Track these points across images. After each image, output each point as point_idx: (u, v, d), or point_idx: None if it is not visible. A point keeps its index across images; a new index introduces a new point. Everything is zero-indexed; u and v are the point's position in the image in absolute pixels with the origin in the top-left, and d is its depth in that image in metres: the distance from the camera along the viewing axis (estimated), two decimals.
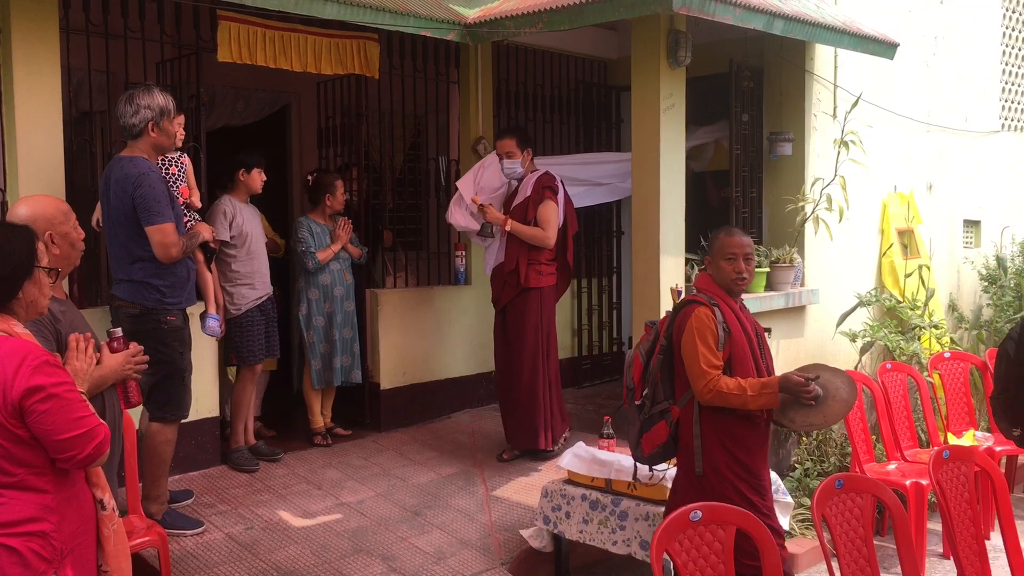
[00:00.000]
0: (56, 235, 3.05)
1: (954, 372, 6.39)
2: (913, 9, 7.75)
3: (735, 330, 3.66)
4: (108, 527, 2.75)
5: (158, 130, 4.39)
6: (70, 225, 3.13)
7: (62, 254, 3.07)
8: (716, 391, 3.52)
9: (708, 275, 3.81)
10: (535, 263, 5.59)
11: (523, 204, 5.60)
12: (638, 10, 5.09)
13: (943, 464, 3.78)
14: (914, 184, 7.87)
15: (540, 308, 5.62)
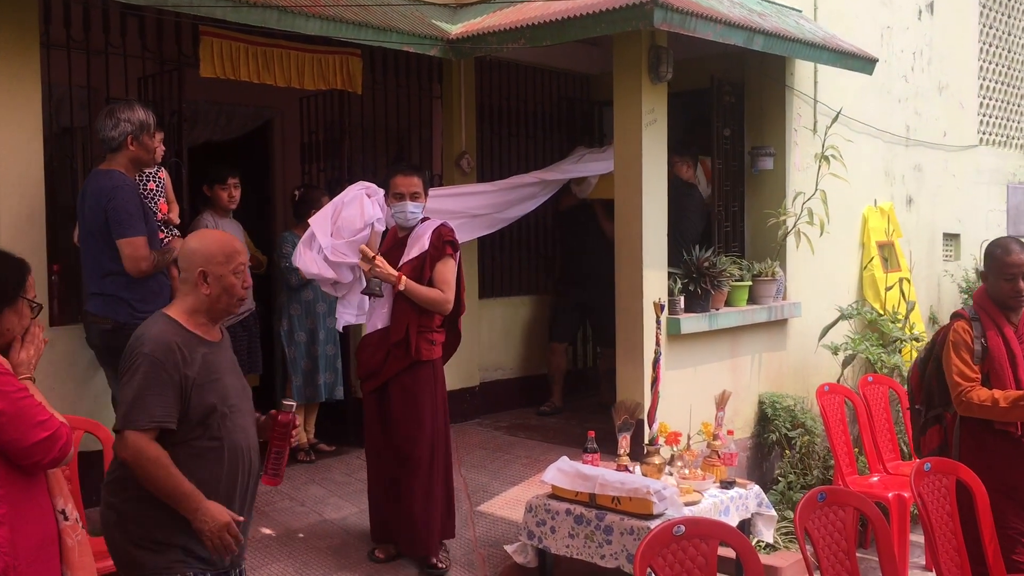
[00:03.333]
0: (210, 274, 2.88)
1: None
2: (892, 25, 7.84)
3: (994, 346, 3.89)
4: (71, 537, 2.69)
5: (137, 144, 4.38)
6: (230, 268, 2.90)
7: (212, 295, 2.89)
8: (967, 402, 3.83)
9: (984, 289, 4.00)
10: (426, 331, 4.50)
11: (419, 259, 4.50)
12: (620, 26, 5.13)
13: (924, 476, 3.80)
14: (894, 198, 7.94)
15: (435, 386, 4.57)
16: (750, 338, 6.43)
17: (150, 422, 2.71)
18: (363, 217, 4.79)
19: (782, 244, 6.58)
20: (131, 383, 2.74)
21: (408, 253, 4.53)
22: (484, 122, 7.14)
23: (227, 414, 2.89)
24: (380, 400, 4.56)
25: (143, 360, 2.75)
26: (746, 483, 4.73)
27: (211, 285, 2.89)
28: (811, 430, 6.33)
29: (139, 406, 2.71)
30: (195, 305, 2.91)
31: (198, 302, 2.91)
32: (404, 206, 4.51)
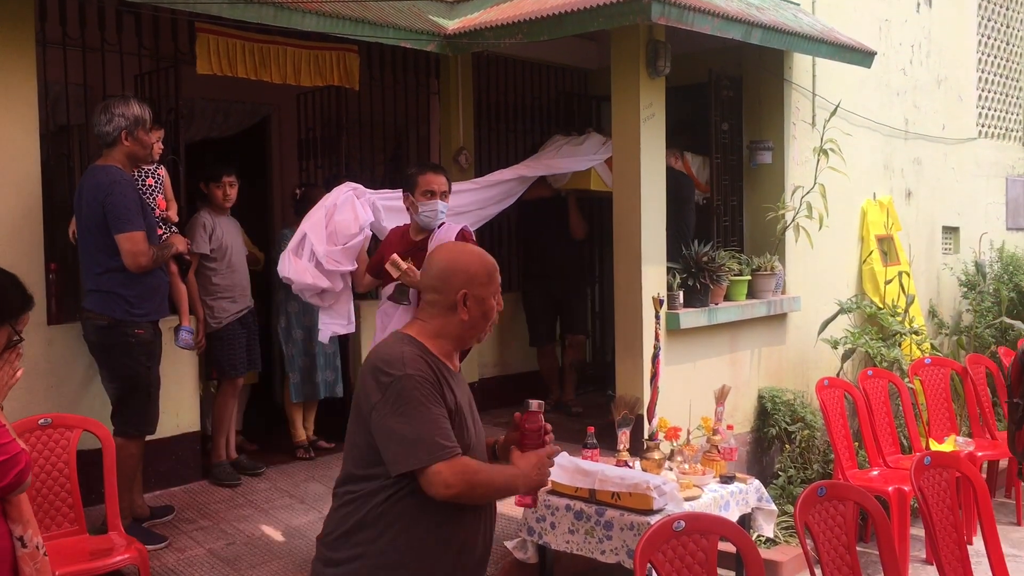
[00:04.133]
0: (471, 297, 2.50)
1: (935, 378, 6.43)
2: (890, 18, 7.82)
3: None
4: (29, 566, 2.55)
5: (132, 139, 4.36)
6: (491, 291, 2.56)
7: (469, 320, 2.51)
8: None
9: None
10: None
11: None
12: (617, 20, 5.11)
13: (924, 470, 3.79)
14: (893, 191, 7.93)
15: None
16: (749, 333, 6.42)
17: (454, 448, 2.33)
18: (357, 221, 4.61)
19: (781, 238, 6.57)
20: (415, 409, 2.32)
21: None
22: (482, 118, 7.13)
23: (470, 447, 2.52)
24: None
25: (412, 383, 2.35)
26: (746, 478, 4.72)
27: (471, 309, 2.51)
28: (811, 424, 6.32)
29: (438, 432, 2.32)
30: (444, 329, 2.52)
31: (449, 327, 2.52)
32: (435, 205, 4.33)
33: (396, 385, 2.33)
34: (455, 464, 2.31)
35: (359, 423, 2.42)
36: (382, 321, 4.46)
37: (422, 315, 2.57)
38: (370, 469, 2.39)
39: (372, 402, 2.35)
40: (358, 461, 2.43)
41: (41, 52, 4.69)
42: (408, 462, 2.30)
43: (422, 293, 2.61)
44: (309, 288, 4.66)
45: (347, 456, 2.49)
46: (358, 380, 2.49)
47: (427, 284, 2.57)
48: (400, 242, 4.45)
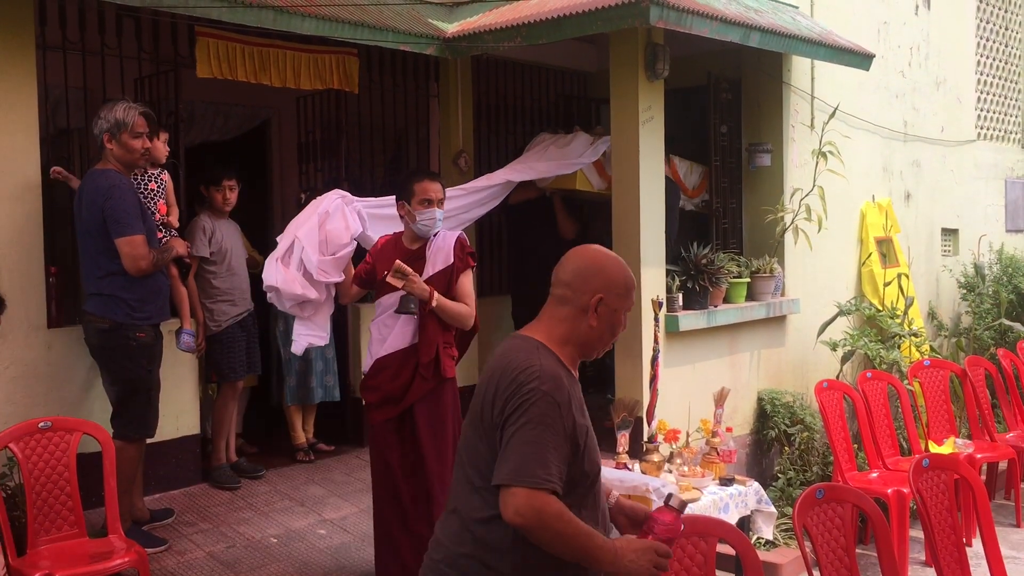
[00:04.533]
0: (605, 304, 2.36)
1: (934, 380, 6.44)
2: (889, 20, 7.83)
3: None
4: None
5: (115, 143, 4.36)
6: (624, 305, 2.40)
7: (597, 329, 2.37)
8: None
9: None
10: (448, 347, 4.29)
11: (445, 273, 4.22)
12: (616, 24, 5.12)
13: (923, 473, 3.80)
14: (892, 193, 7.94)
15: (457, 403, 4.32)
16: (749, 335, 6.43)
17: (548, 482, 2.15)
18: (348, 231, 4.50)
19: (780, 241, 6.58)
20: (527, 428, 2.18)
21: (433, 266, 4.22)
22: (481, 120, 7.14)
23: (594, 481, 2.37)
24: (399, 427, 4.20)
25: (542, 400, 2.20)
26: (745, 480, 4.73)
27: (601, 317, 2.37)
28: (810, 426, 6.33)
29: (539, 459, 2.15)
30: (572, 335, 2.38)
31: (576, 333, 2.38)
32: (433, 213, 4.19)
33: (530, 398, 2.20)
34: (537, 496, 2.14)
35: (482, 431, 2.28)
36: (380, 332, 4.26)
37: (549, 316, 2.41)
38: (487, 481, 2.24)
39: (505, 413, 2.21)
40: (480, 472, 2.28)
41: (41, 56, 4.70)
42: (498, 476, 2.18)
43: (551, 291, 2.44)
44: (296, 298, 4.47)
45: (464, 465, 2.33)
46: (485, 385, 2.32)
47: (560, 280, 2.42)
48: (393, 251, 4.29)
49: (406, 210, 4.22)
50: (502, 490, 2.17)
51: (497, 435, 2.23)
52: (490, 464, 2.23)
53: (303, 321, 4.59)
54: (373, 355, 4.25)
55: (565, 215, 6.73)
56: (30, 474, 3.97)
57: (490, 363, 2.38)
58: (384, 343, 4.21)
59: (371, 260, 4.38)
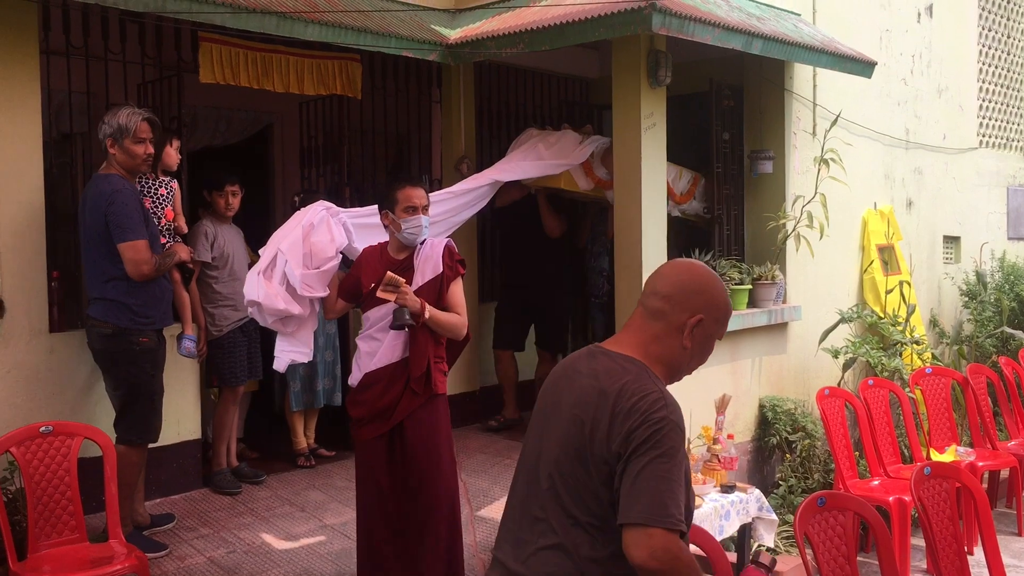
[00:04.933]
0: (703, 325, 2.23)
1: (936, 388, 6.43)
2: (891, 28, 7.84)
3: None
4: None
5: (117, 148, 4.38)
6: (719, 331, 2.29)
7: (689, 352, 2.24)
8: None
9: None
10: (439, 360, 4.14)
11: (434, 282, 4.07)
12: (618, 31, 5.13)
13: (925, 481, 3.80)
14: (894, 200, 7.94)
15: (448, 418, 4.21)
16: (750, 342, 6.42)
17: (681, 523, 2.02)
18: (333, 243, 4.32)
19: (782, 247, 6.58)
20: (660, 462, 2.02)
21: (422, 276, 4.07)
22: (483, 126, 7.15)
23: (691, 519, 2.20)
24: (389, 445, 4.07)
25: (673, 431, 2.06)
26: (747, 487, 4.73)
27: (695, 340, 2.23)
28: (812, 434, 6.33)
29: (673, 498, 2.01)
30: (665, 356, 2.23)
31: (671, 354, 2.23)
32: (419, 220, 4.03)
33: (661, 428, 2.04)
34: (673, 539, 1.99)
35: (591, 463, 2.10)
36: (368, 346, 4.10)
37: (639, 330, 2.24)
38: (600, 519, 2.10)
39: (631, 444, 2.03)
40: (587, 508, 2.11)
41: (45, 61, 4.71)
42: (629, 513, 2.00)
43: (643, 302, 2.28)
44: (278, 313, 4.30)
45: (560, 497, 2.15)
46: (587, 410, 2.14)
47: (658, 292, 2.24)
48: (378, 262, 4.12)
49: (390, 219, 4.07)
50: (634, 529, 1.99)
51: (617, 467, 2.06)
52: (600, 499, 2.09)
53: (285, 337, 4.43)
54: (362, 369, 4.10)
55: (550, 213, 6.61)
56: (31, 478, 3.97)
57: (580, 384, 2.19)
58: (373, 357, 4.06)
59: (355, 272, 4.22)
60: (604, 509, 2.09)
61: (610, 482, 2.07)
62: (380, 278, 3.96)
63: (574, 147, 6.13)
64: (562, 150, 6.09)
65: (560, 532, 2.13)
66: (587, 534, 2.10)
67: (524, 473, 2.27)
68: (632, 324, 2.28)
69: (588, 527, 2.10)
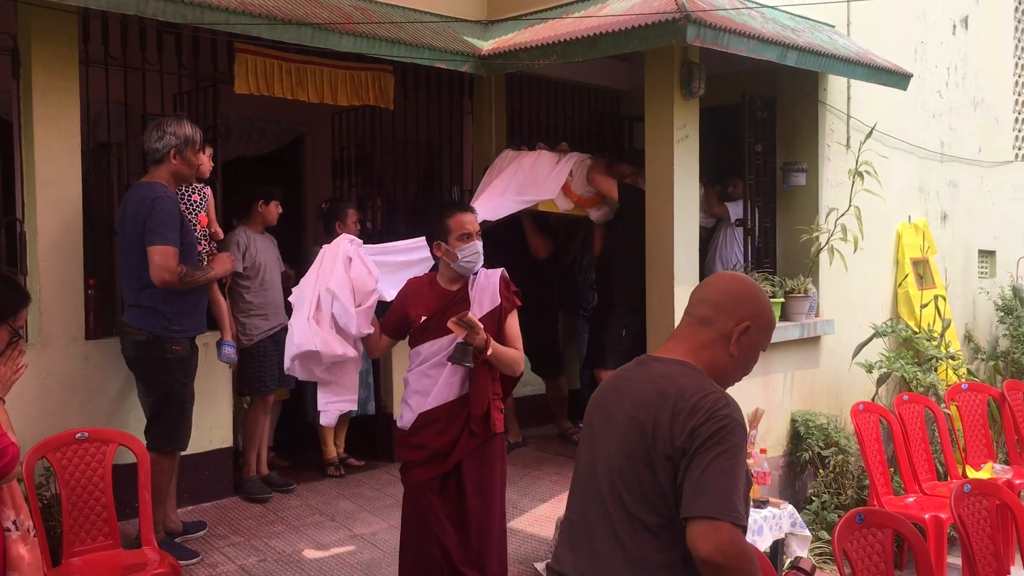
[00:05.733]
0: (750, 334, 2.26)
1: (972, 404, 6.34)
2: (926, 40, 7.77)
3: None
4: (21, 547, 2.78)
5: (180, 158, 4.43)
6: (764, 341, 2.33)
7: (735, 359, 2.28)
8: None
9: None
10: (496, 398, 3.91)
11: (492, 315, 3.84)
12: (652, 42, 5.11)
13: (964, 498, 3.74)
14: (928, 214, 7.85)
15: (503, 460, 3.97)
16: (782, 355, 6.36)
17: (744, 518, 2.07)
18: (371, 275, 4.12)
19: (815, 261, 6.52)
20: (726, 458, 2.06)
21: (479, 308, 3.83)
22: (515, 137, 7.15)
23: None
24: (443, 487, 3.82)
25: (739, 429, 2.11)
26: (779, 502, 4.67)
27: (742, 346, 2.26)
28: (845, 449, 6.25)
29: (737, 493, 2.05)
30: (714, 363, 2.26)
31: (719, 361, 2.27)
32: (475, 247, 3.79)
33: (727, 426, 2.08)
34: (739, 535, 2.02)
35: (654, 461, 2.12)
36: (420, 384, 3.84)
37: (687, 339, 2.28)
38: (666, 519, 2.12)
39: (697, 439, 2.06)
40: (654, 508, 2.13)
41: (84, 72, 4.77)
42: (696, 506, 2.02)
43: (690, 311, 2.32)
44: (337, 359, 4.07)
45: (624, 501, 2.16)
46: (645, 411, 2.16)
47: (705, 299, 2.29)
48: (429, 294, 3.88)
49: (443, 250, 3.81)
50: (702, 521, 2.01)
51: (681, 463, 2.08)
52: (666, 498, 2.10)
53: (329, 387, 4.18)
54: (415, 409, 3.83)
55: (535, 234, 6.52)
56: (66, 484, 4.00)
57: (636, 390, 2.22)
58: (428, 395, 3.79)
59: (400, 306, 3.96)
60: (671, 509, 2.10)
61: (672, 482, 2.10)
62: (435, 311, 3.78)
63: (551, 169, 5.99)
64: (538, 175, 5.89)
65: (624, 537, 2.14)
66: (653, 536, 2.12)
67: (581, 483, 2.29)
68: (679, 333, 2.32)
69: (655, 528, 2.12)
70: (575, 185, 6.08)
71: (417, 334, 3.86)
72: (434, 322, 3.79)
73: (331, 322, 4.04)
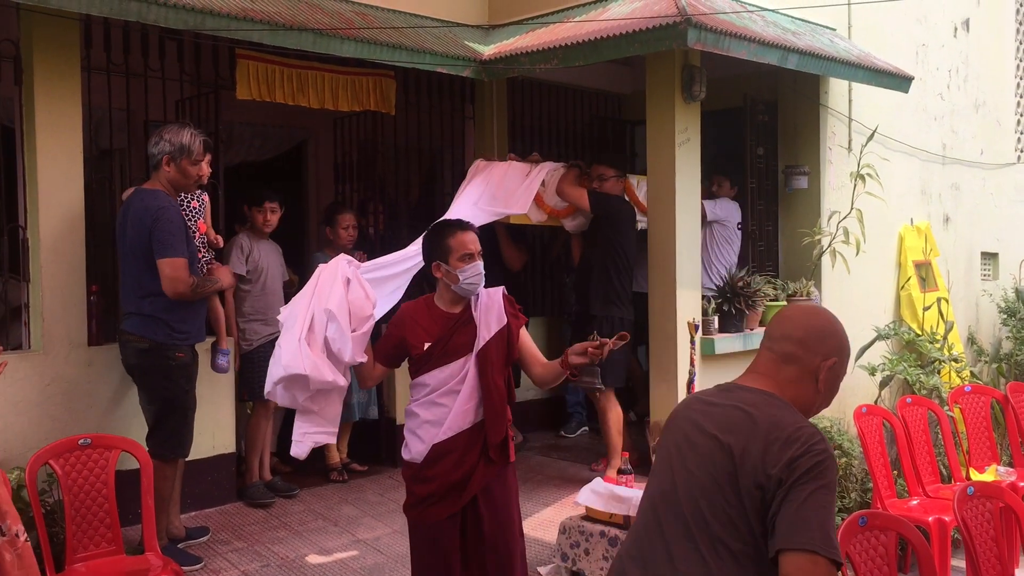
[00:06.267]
0: (835, 368, 2.26)
1: (975, 406, 6.32)
2: (927, 43, 7.77)
3: None
4: (9, 552, 2.74)
5: (173, 166, 4.42)
6: (844, 373, 2.33)
7: (820, 396, 2.29)
8: None
9: None
10: (510, 423, 3.69)
11: (500, 335, 3.59)
12: (653, 46, 5.12)
13: (968, 501, 3.72)
14: (931, 216, 7.85)
15: (517, 488, 3.74)
16: None
17: (839, 556, 2.04)
18: (369, 300, 3.85)
19: (817, 263, 6.52)
20: (824, 492, 2.04)
21: (487, 329, 3.57)
22: (516, 142, 7.16)
23: None
24: (461, 524, 3.54)
25: (834, 465, 2.10)
26: None
27: (828, 382, 2.27)
28: (848, 452, 6.22)
29: (834, 530, 2.06)
30: (798, 400, 2.24)
31: (804, 398, 2.26)
32: (477, 267, 3.54)
33: (824, 461, 2.06)
34: (835, 573, 2.00)
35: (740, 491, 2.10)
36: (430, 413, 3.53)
37: (772, 375, 2.26)
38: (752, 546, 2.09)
39: (795, 472, 2.04)
40: (740, 536, 2.10)
41: (86, 78, 4.78)
42: (794, 539, 2.00)
43: (771, 347, 2.29)
44: (324, 386, 3.78)
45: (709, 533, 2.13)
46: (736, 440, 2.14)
47: (790, 336, 2.26)
48: (428, 319, 3.60)
49: (443, 271, 3.57)
50: (800, 554, 1.99)
51: (776, 493, 2.06)
52: (751, 526, 2.09)
53: (309, 416, 3.87)
54: (426, 440, 3.52)
55: (509, 245, 6.35)
56: (69, 490, 4.00)
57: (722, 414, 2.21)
58: (440, 426, 3.50)
59: (396, 332, 3.63)
60: (755, 537, 2.09)
61: (760, 510, 2.07)
62: (440, 337, 3.52)
63: (521, 180, 5.74)
64: (509, 187, 5.66)
65: (710, 560, 2.11)
66: (736, 561, 2.10)
67: (660, 504, 2.26)
68: (761, 368, 2.29)
69: (738, 554, 2.10)
70: (547, 196, 5.88)
71: (420, 363, 3.57)
72: (439, 349, 3.53)
73: (323, 346, 3.74)
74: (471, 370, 3.51)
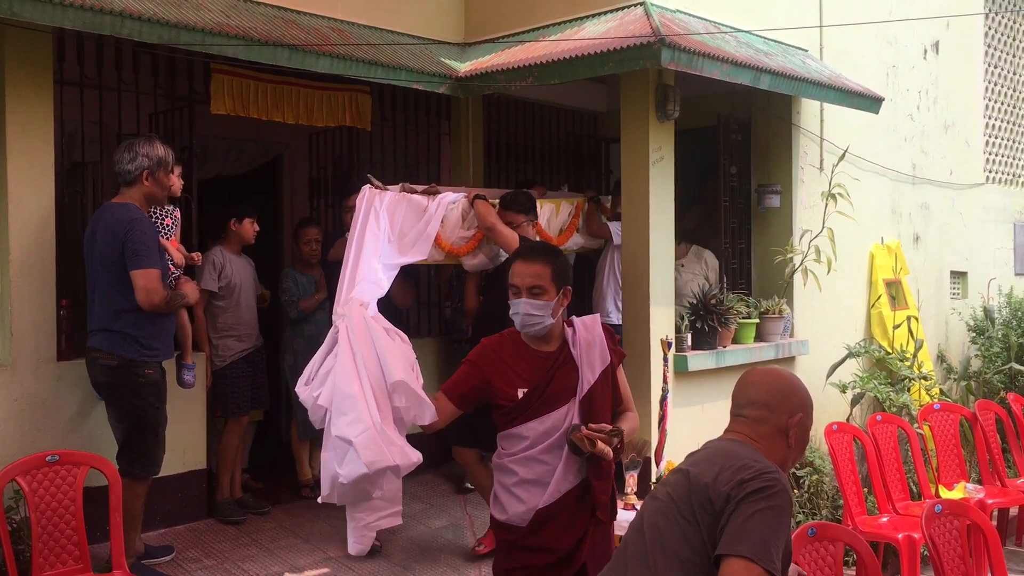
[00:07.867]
0: (803, 424, 2.42)
1: (944, 424, 6.39)
2: (898, 64, 7.88)
3: None
4: None
5: (152, 180, 4.41)
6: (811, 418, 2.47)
7: (792, 451, 2.41)
8: None
9: None
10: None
11: (606, 374, 3.17)
12: (628, 65, 5.16)
13: (936, 518, 3.76)
14: (901, 236, 7.94)
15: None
16: None
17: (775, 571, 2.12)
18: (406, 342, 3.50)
19: (789, 282, 6.57)
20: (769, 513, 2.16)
21: (591, 370, 3.12)
22: (492, 158, 7.19)
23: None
24: None
25: (784, 493, 2.21)
26: None
27: (797, 438, 2.40)
28: (819, 469, 6.27)
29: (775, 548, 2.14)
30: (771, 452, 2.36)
31: (775, 454, 2.37)
32: (516, 305, 3.10)
33: (774, 487, 2.19)
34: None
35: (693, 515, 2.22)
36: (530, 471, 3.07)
37: (742, 435, 2.38)
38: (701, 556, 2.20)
39: (744, 490, 2.17)
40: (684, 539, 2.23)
41: (59, 91, 4.75)
42: (735, 546, 2.11)
43: (739, 413, 2.42)
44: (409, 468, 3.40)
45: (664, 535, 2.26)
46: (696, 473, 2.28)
47: (755, 401, 2.41)
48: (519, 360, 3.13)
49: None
50: (737, 560, 2.10)
51: (726, 508, 2.18)
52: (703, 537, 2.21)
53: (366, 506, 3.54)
54: (528, 503, 3.06)
55: (399, 283, 5.20)
56: (36, 507, 3.95)
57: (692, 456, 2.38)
58: (546, 486, 3.05)
59: (480, 374, 3.14)
60: (705, 548, 2.20)
61: (710, 524, 2.20)
62: (538, 384, 3.08)
63: (416, 220, 4.95)
64: (405, 231, 4.89)
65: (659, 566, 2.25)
66: (683, 568, 2.22)
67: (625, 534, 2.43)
68: (736, 428, 2.43)
69: (687, 562, 2.22)
70: (446, 232, 5.16)
71: (514, 413, 3.08)
72: (537, 397, 3.06)
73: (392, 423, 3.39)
74: (575, 420, 3.06)
